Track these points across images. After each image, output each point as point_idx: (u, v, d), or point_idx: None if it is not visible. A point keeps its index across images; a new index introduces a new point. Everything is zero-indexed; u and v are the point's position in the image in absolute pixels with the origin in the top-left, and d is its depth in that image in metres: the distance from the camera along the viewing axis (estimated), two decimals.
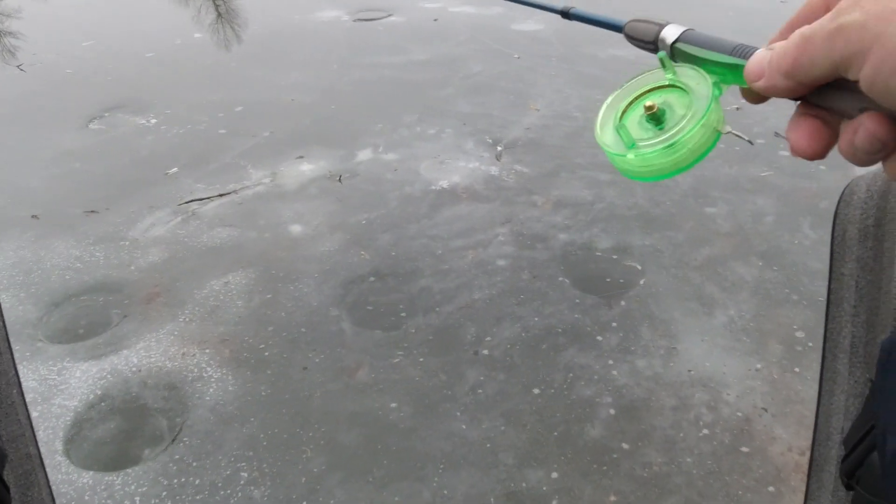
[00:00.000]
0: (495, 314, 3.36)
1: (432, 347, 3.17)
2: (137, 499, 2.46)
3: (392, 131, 5.52)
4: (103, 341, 3.29)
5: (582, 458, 2.61)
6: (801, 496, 2.42)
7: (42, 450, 2.62)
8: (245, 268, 3.82)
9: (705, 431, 2.70)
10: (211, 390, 2.96)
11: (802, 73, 0.42)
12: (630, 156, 0.54)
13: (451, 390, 2.92)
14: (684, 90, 0.54)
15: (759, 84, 0.46)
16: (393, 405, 2.85)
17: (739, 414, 2.77)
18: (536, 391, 2.90)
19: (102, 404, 2.91)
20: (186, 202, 4.61)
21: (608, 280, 3.60)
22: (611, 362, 3.04)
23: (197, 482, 2.52)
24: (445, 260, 3.79)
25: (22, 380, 1.02)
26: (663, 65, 0.55)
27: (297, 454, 2.63)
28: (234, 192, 4.72)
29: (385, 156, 5.10)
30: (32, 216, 4.47)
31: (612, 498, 2.43)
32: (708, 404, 2.82)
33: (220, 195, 4.69)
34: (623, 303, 3.42)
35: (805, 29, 0.42)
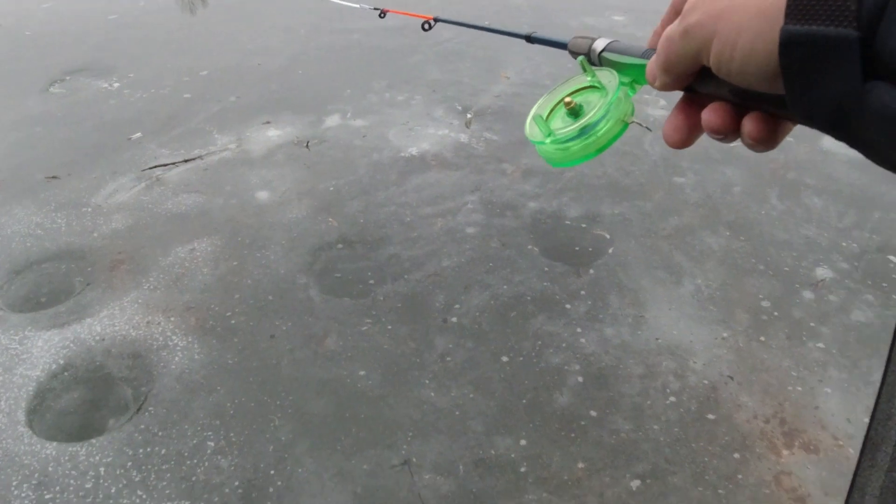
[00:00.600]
0: (464, 282, 3.35)
1: (401, 315, 3.16)
2: (102, 469, 2.43)
3: (361, 97, 5.44)
4: (66, 310, 3.22)
5: (550, 425, 2.62)
6: (767, 463, 2.46)
7: (4, 420, 2.57)
8: (211, 235, 3.76)
9: (672, 399, 2.73)
10: (176, 359, 2.92)
11: (674, 69, 0.50)
12: (548, 141, 0.63)
13: (419, 358, 2.91)
14: (601, 88, 0.64)
15: (654, 84, 0.55)
16: (361, 373, 2.84)
17: (706, 381, 2.80)
18: (505, 359, 2.90)
19: (66, 374, 2.85)
20: (150, 168, 4.52)
21: (577, 249, 3.60)
22: (579, 330, 3.05)
23: (163, 452, 2.49)
24: (414, 227, 3.77)
25: None
26: (583, 68, 0.66)
27: (265, 423, 2.61)
28: (200, 157, 4.64)
29: (354, 122, 5.04)
30: None
31: (581, 465, 2.45)
32: (675, 372, 2.84)
33: (185, 161, 4.60)
34: (592, 271, 3.42)
35: (667, 30, 0.50)
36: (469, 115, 5.08)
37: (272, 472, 2.41)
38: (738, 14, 0.42)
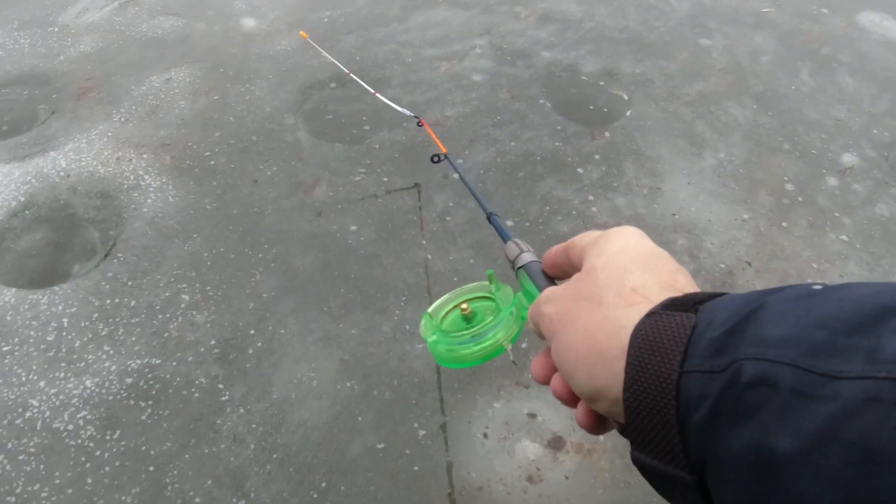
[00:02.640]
0: (469, 134, 3.06)
1: (398, 166, 2.88)
2: (65, 320, 2.21)
3: None
4: (28, 140, 2.90)
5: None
6: None
7: None
8: (190, 63, 3.39)
9: (690, 277, 2.53)
10: (149, 201, 2.64)
11: (536, 330, 0.53)
12: (433, 338, 0.67)
13: (416, 215, 2.67)
14: (497, 303, 0.68)
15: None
16: (353, 228, 2.60)
17: (722, 265, 2.60)
18: (511, 223, 2.67)
19: (27, 212, 2.58)
20: None
21: (592, 107, 3.30)
22: (591, 198, 2.81)
23: (132, 304, 2.27)
24: (416, 69, 3.42)
25: None
26: (490, 280, 0.70)
27: (246, 276, 2.38)
28: None
29: None
30: None
31: None
32: (690, 252, 2.64)
33: None
34: (607, 134, 3.14)
35: (534, 303, 0.54)
36: None
37: (252, 331, 2.21)
38: (576, 337, 0.46)
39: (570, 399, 0.49)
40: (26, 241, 2.47)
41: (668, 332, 0.40)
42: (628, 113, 3.28)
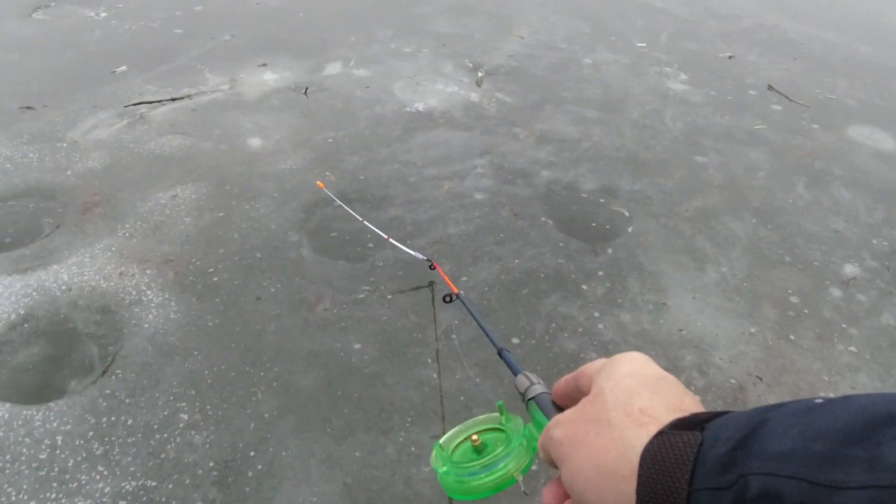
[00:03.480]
0: (472, 252, 3.07)
1: (402, 284, 2.87)
2: (59, 438, 2.13)
3: (365, 46, 5.10)
4: (31, 253, 2.90)
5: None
6: None
7: None
8: (196, 181, 3.44)
9: (697, 398, 2.48)
10: (150, 317, 2.62)
11: (547, 458, 0.53)
12: (444, 469, 0.67)
13: (421, 333, 2.64)
14: (508, 434, 0.68)
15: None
16: (357, 346, 2.56)
17: (732, 381, 2.55)
18: (516, 340, 2.63)
19: (26, 325, 2.55)
20: (134, 104, 4.17)
21: (594, 225, 3.33)
22: (597, 314, 2.79)
23: (129, 422, 2.20)
24: (419, 188, 3.47)
25: None
26: (500, 411, 0.70)
27: (246, 396, 2.32)
28: (189, 97, 4.29)
29: (356, 71, 4.70)
30: None
31: None
32: (699, 368, 2.59)
33: (173, 99, 4.25)
34: (610, 250, 3.15)
35: (545, 429, 0.54)
36: (480, 74, 4.76)
37: (252, 452, 2.14)
38: (585, 459, 0.47)
39: None
40: (24, 355, 2.42)
41: (675, 451, 0.40)
42: (629, 229, 3.31)
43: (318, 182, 2.94)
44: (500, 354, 0.85)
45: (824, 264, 3.21)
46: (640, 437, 0.44)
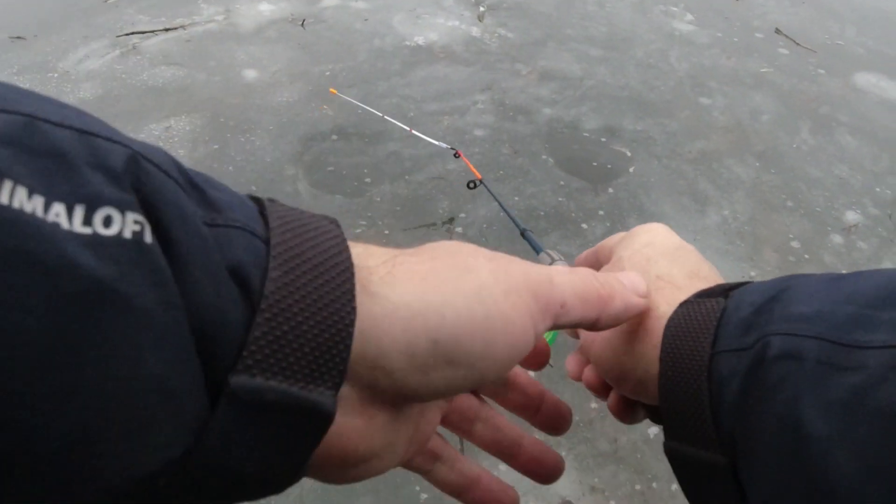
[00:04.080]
0: (472, 189, 3.02)
1: (399, 219, 2.83)
2: None
3: None
4: None
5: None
6: None
7: None
8: (190, 113, 3.37)
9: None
10: None
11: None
12: None
13: None
14: None
15: None
16: None
17: None
18: None
19: None
20: (127, 34, 4.06)
21: (595, 164, 3.28)
22: None
23: None
24: (418, 123, 3.40)
25: None
26: None
27: None
28: (182, 27, 4.18)
29: (355, 3, 4.58)
30: None
31: (594, 405, 2.19)
32: None
33: (166, 30, 4.14)
34: (611, 190, 3.11)
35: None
36: (482, 8, 4.64)
37: None
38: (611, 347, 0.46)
39: (601, 388, 0.50)
40: None
41: (699, 317, 0.39)
42: (631, 170, 3.26)
43: (332, 89, 2.86)
44: (522, 235, 0.86)
45: (826, 210, 3.18)
46: (657, 302, 0.43)
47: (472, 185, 1.49)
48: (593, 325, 0.39)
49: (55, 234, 0.20)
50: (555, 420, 0.47)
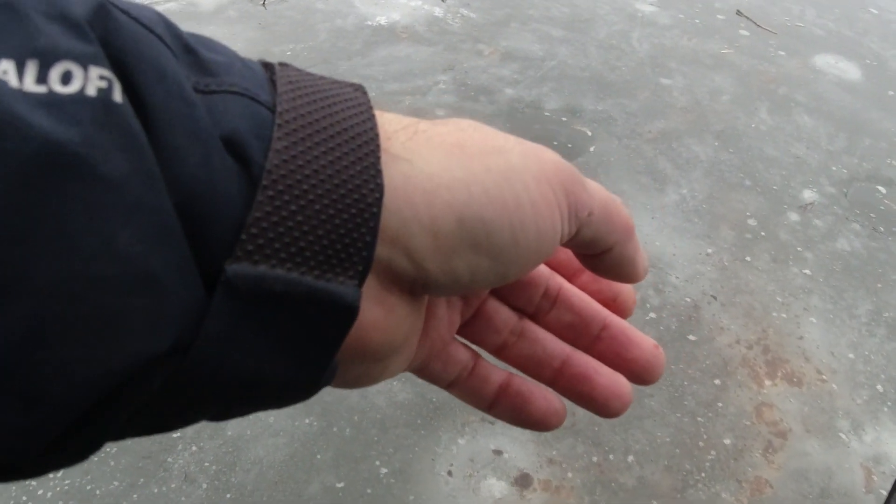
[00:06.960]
0: None
1: None
2: None
3: None
4: None
5: None
6: (748, 392, 2.28)
7: None
8: None
9: (652, 315, 2.51)
10: None
11: None
12: None
13: None
14: None
15: None
16: None
17: (688, 299, 2.58)
18: None
19: None
20: None
21: (556, 143, 3.30)
22: None
23: None
24: (379, 104, 3.32)
25: None
26: None
27: None
28: None
29: None
30: None
31: None
32: (655, 286, 2.62)
33: None
34: None
35: None
36: None
37: None
38: None
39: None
40: None
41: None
42: (591, 149, 3.28)
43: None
44: None
45: (783, 188, 3.23)
46: None
47: None
48: (598, 256, 0.32)
49: (1, 94, 0.17)
50: (635, 358, 0.36)
